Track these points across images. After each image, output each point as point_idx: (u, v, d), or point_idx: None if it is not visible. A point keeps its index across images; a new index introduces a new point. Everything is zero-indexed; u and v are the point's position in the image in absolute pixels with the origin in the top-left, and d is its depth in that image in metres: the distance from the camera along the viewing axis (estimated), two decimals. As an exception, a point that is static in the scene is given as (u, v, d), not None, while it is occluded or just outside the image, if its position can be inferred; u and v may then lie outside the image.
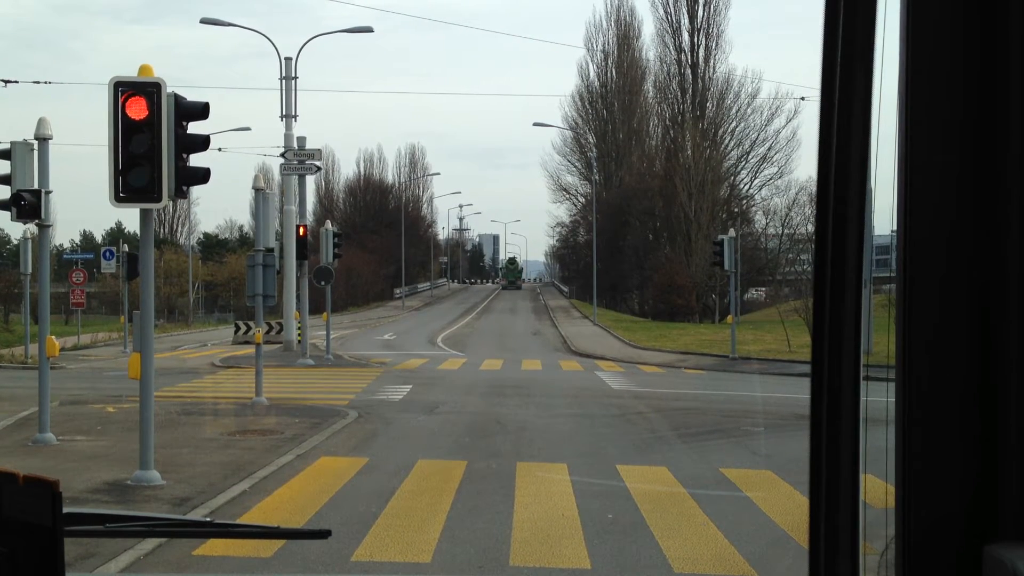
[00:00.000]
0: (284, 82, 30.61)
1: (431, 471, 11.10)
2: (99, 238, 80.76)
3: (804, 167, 61.19)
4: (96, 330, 40.30)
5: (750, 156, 61.03)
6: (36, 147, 12.64)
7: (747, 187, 62.27)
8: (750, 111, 60.33)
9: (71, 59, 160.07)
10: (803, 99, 50.92)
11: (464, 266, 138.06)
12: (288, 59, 30.67)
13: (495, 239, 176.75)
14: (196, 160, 10.25)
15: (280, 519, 8.78)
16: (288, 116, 30.38)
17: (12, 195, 12.51)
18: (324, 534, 2.26)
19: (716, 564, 7.42)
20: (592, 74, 74.11)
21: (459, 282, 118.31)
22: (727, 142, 61.21)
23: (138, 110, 9.56)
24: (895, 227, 1.19)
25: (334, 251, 30.30)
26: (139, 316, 10.48)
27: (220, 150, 39.63)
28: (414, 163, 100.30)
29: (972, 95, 1.13)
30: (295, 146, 30.02)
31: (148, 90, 9.63)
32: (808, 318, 14.57)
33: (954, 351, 1.15)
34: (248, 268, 17.86)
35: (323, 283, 28.55)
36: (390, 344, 36.40)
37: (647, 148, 68.59)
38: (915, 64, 1.14)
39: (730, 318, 30.54)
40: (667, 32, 63.02)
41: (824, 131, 1.27)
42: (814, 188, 1.75)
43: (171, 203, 15.06)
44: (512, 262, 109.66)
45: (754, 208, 61.66)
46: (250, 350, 22.60)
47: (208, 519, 3.23)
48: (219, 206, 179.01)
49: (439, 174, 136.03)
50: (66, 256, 57.60)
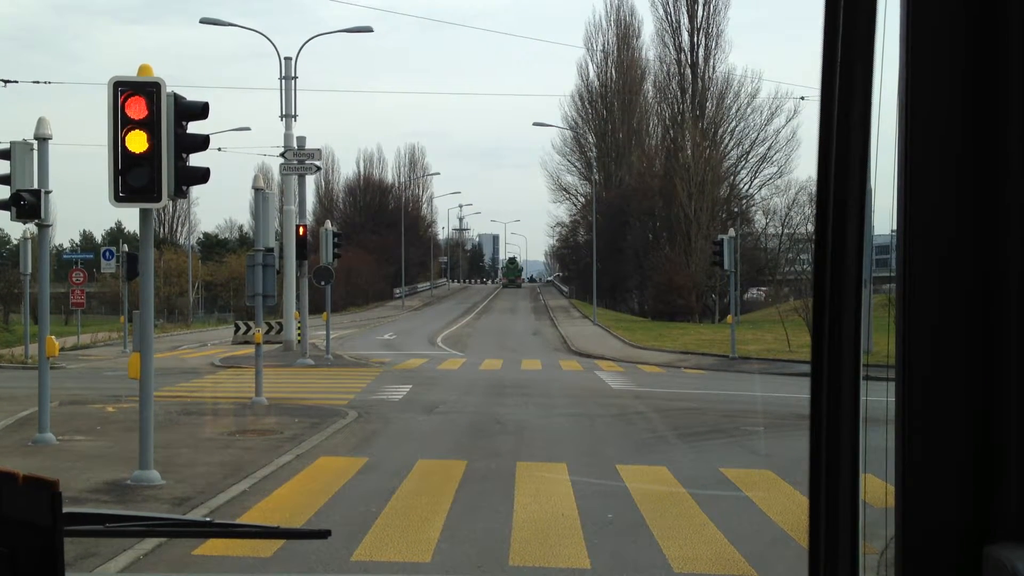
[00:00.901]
0: (284, 82, 30.62)
1: (431, 471, 11.10)
2: (99, 238, 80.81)
3: (804, 167, 61.33)
4: (96, 330, 40.29)
5: (750, 156, 61.21)
6: (36, 147, 12.63)
7: (747, 187, 62.45)
8: (750, 111, 60.51)
9: (71, 59, 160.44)
10: (803, 99, 50.95)
11: (464, 266, 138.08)
12: (288, 59, 30.69)
13: (495, 239, 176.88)
14: (196, 160, 10.27)
15: (280, 519, 8.78)
16: (288, 116, 30.39)
17: (12, 195, 12.50)
18: (324, 534, 2.25)
19: (716, 564, 7.41)
20: (592, 74, 74.30)
21: (459, 282, 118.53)
22: (727, 142, 61.34)
23: (138, 110, 9.57)
24: (895, 227, 1.19)
25: (334, 251, 30.31)
26: (139, 316, 10.49)
27: (220, 150, 39.72)
28: (414, 163, 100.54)
29: (972, 95, 1.13)
30: (295, 146, 30.02)
31: (148, 90, 9.63)
32: (808, 318, 14.60)
33: (954, 351, 1.14)
34: (248, 268, 17.85)
35: (323, 283, 28.55)
36: (390, 344, 36.42)
37: (647, 148, 68.58)
38: (915, 64, 1.14)
39: (730, 318, 30.58)
40: (667, 32, 63.17)
41: (824, 131, 1.27)
42: (814, 188, 1.75)
43: (171, 203, 15.06)
44: (512, 262, 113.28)
45: (754, 208, 61.81)
46: (250, 350, 22.60)
47: (208, 519, 3.23)
48: (219, 206, 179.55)
49: (439, 174, 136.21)
50: (66, 256, 57.49)
